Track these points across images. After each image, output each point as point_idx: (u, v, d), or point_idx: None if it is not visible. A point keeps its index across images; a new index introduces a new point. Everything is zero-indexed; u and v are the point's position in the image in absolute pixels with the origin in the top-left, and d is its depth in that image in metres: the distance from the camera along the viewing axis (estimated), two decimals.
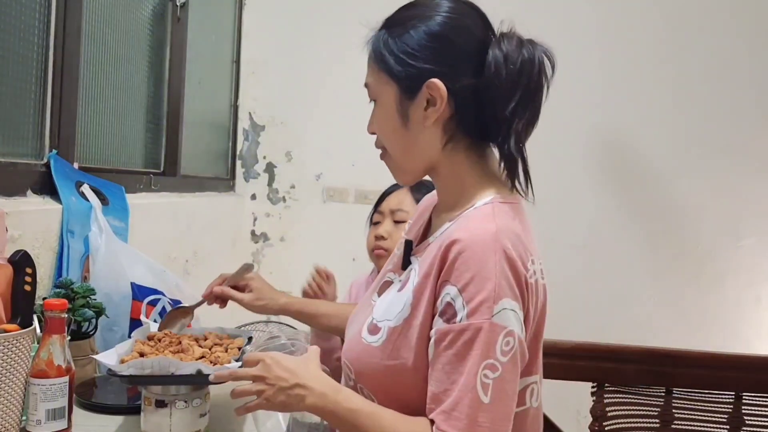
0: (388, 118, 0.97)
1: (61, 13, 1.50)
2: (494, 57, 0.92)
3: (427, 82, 0.92)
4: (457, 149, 0.97)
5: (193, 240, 2.27)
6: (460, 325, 0.85)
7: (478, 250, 0.85)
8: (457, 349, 0.85)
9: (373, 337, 0.96)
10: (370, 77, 0.99)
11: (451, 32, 0.94)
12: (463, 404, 0.84)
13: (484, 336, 0.84)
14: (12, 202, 1.32)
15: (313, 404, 0.90)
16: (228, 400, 1.24)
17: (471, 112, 0.94)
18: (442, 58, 0.93)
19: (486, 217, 0.90)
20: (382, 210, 1.61)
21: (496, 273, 0.84)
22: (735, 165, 2.82)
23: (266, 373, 0.92)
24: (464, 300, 0.85)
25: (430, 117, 0.94)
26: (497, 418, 0.85)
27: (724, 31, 2.81)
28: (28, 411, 0.96)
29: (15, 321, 0.99)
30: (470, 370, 0.84)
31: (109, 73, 1.85)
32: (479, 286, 0.84)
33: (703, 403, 1.79)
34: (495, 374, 0.84)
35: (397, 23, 0.96)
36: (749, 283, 2.85)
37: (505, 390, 0.85)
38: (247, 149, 2.98)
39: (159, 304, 1.49)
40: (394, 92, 0.95)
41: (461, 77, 0.93)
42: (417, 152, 0.97)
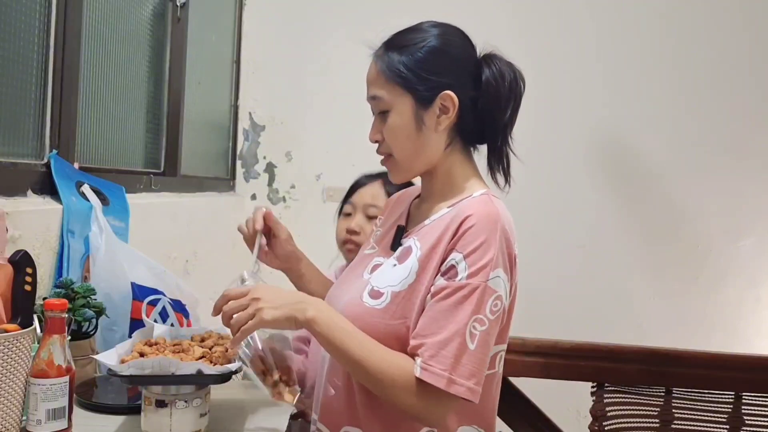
0: (403, 125, 1.10)
1: (61, 13, 1.50)
2: (491, 74, 1.10)
3: (442, 93, 1.08)
4: (454, 151, 1.13)
5: (193, 240, 2.27)
6: (459, 282, 1.00)
7: (485, 225, 1.02)
8: (453, 301, 1.00)
9: (375, 301, 1.07)
10: (380, 91, 1.11)
11: (455, 51, 1.11)
12: (452, 345, 0.98)
13: (479, 294, 1.00)
14: (12, 202, 1.32)
15: (312, 317, 1.02)
16: (228, 400, 1.24)
17: (470, 119, 1.11)
18: (451, 72, 1.09)
19: (488, 203, 1.06)
20: (355, 202, 1.58)
21: (496, 246, 1.01)
22: (735, 165, 2.82)
23: (260, 294, 1.02)
24: (467, 264, 1.00)
25: (443, 123, 1.09)
26: (477, 364, 0.99)
27: (725, 31, 2.81)
28: (28, 411, 0.96)
29: (15, 321, 0.99)
30: (462, 319, 0.99)
31: (109, 73, 1.86)
32: (481, 254, 1.00)
33: (703, 403, 1.79)
34: (482, 327, 1.00)
35: (404, 44, 1.11)
36: (749, 283, 2.85)
37: (487, 343, 1.01)
38: (247, 149, 2.98)
39: (159, 304, 1.49)
40: (410, 102, 1.09)
41: (466, 89, 1.09)
42: (425, 154, 1.12)
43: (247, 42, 2.97)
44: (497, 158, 1.13)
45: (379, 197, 1.55)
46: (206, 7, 2.58)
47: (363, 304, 1.07)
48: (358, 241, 1.52)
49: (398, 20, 2.89)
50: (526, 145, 1.19)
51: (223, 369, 1.03)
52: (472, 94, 1.09)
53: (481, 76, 1.10)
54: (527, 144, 1.20)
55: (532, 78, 1.16)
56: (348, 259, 1.56)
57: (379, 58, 1.12)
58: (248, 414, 1.21)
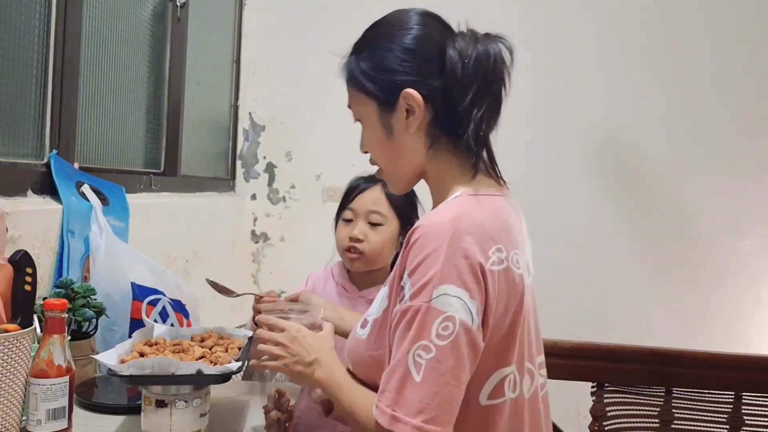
0: (373, 133, 1.03)
1: (61, 13, 1.50)
2: (450, 56, 0.97)
3: (402, 92, 0.97)
4: (439, 150, 1.01)
5: (193, 240, 2.27)
6: (403, 306, 0.89)
7: (429, 237, 0.89)
8: (400, 329, 0.89)
9: (362, 331, 1.02)
10: (350, 100, 1.05)
11: (413, 42, 0.99)
12: (394, 379, 0.87)
13: (420, 318, 0.86)
14: (12, 202, 1.32)
15: (318, 378, 1.01)
16: (228, 400, 1.24)
17: (445, 112, 0.98)
18: (409, 67, 0.98)
19: (448, 208, 0.93)
20: (356, 209, 1.51)
21: (442, 259, 0.86)
22: (735, 165, 2.82)
23: (290, 344, 1.03)
24: (411, 283, 0.88)
25: (412, 125, 0.99)
26: (427, 397, 0.85)
27: (725, 31, 2.81)
28: (28, 411, 0.96)
29: (15, 321, 0.99)
30: (404, 348, 0.87)
31: (109, 73, 1.86)
32: (423, 270, 0.87)
33: (703, 403, 1.79)
34: (428, 355, 0.86)
35: (364, 45, 1.03)
36: (749, 283, 2.85)
37: (440, 372, 0.86)
38: (247, 149, 2.98)
39: (159, 304, 1.49)
40: (374, 108, 1.01)
41: (430, 81, 0.97)
42: (405, 160, 1.02)
43: (247, 42, 2.97)
44: (468, 150, 0.98)
45: (381, 203, 1.50)
46: (206, 7, 2.58)
47: (355, 335, 1.04)
48: (361, 249, 1.48)
49: None
50: (526, 145, 1.18)
51: (223, 369, 1.03)
52: (438, 83, 0.97)
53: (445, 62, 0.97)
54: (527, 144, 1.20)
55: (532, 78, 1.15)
56: (352, 267, 1.52)
57: (344, 66, 1.05)
58: (248, 414, 1.21)
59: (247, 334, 1.24)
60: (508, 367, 0.94)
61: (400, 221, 1.50)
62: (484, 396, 0.93)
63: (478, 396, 0.93)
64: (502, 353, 0.93)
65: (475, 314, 0.87)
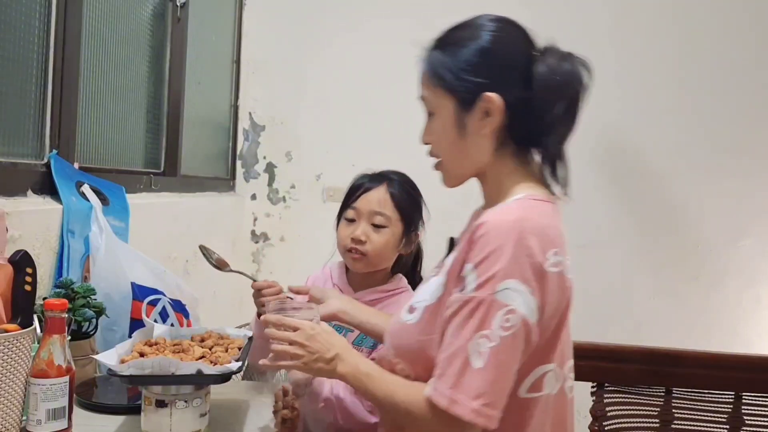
0: (445, 129, 1.05)
1: (61, 13, 1.50)
2: (541, 70, 1.01)
3: (483, 95, 1.00)
4: (504, 155, 1.05)
5: (193, 240, 2.26)
6: (465, 296, 0.93)
7: (496, 234, 0.93)
8: (459, 318, 0.93)
9: (409, 316, 1.05)
10: (426, 92, 1.07)
11: (500, 48, 1.03)
12: (454, 365, 0.92)
13: (484, 309, 0.91)
14: (12, 202, 1.32)
15: (342, 372, 1.04)
16: (228, 400, 1.24)
17: (520, 121, 1.02)
18: (494, 72, 1.01)
19: (512, 208, 0.98)
20: (359, 208, 1.48)
21: (507, 256, 0.91)
22: (735, 165, 2.82)
23: (308, 342, 1.04)
24: (476, 275, 0.93)
25: (486, 127, 1.02)
26: (486, 383, 0.90)
27: (726, 31, 2.81)
28: (28, 411, 0.96)
29: (15, 321, 0.99)
30: (466, 336, 0.92)
31: (109, 73, 1.86)
32: (489, 264, 0.92)
33: (703, 403, 1.78)
34: (490, 344, 0.91)
35: (450, 42, 1.05)
36: (749, 283, 2.85)
37: (499, 361, 0.91)
38: (247, 149, 2.98)
39: (159, 304, 1.49)
40: (452, 106, 1.03)
41: (512, 89, 1.01)
42: (470, 159, 1.06)
43: (247, 42, 2.96)
44: (548, 162, 1.04)
45: (385, 203, 1.47)
46: (206, 7, 2.58)
47: (400, 320, 1.07)
48: (363, 250, 1.45)
49: (398, 20, 2.90)
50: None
51: (223, 369, 1.03)
52: (522, 94, 1.00)
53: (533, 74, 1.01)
54: None
55: None
56: (353, 268, 1.50)
57: (424, 58, 1.07)
58: (248, 414, 1.21)
59: (247, 334, 1.24)
60: (549, 364, 1.00)
61: (404, 223, 1.48)
62: (524, 389, 0.98)
63: (519, 388, 0.97)
64: (546, 351, 0.98)
65: (535, 310, 0.93)
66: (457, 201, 1.49)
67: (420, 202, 1.53)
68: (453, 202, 1.55)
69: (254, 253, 2.96)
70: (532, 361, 0.97)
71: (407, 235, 1.50)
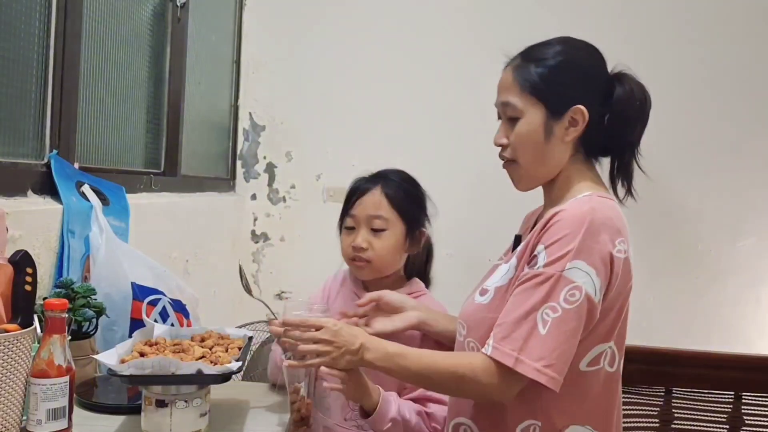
0: (532, 133, 1.16)
1: (61, 13, 1.50)
2: (623, 92, 1.16)
3: (574, 107, 1.14)
4: (576, 161, 1.19)
5: (193, 240, 2.27)
6: (535, 270, 1.06)
7: (570, 221, 1.06)
8: (527, 287, 1.06)
9: (482, 298, 1.17)
10: (513, 98, 1.17)
11: (588, 66, 1.18)
12: (523, 328, 1.03)
13: (552, 282, 1.04)
14: (12, 202, 1.32)
15: (369, 358, 1.12)
16: (228, 400, 1.24)
17: (596, 133, 1.16)
18: (583, 87, 1.16)
19: (583, 201, 1.11)
20: (357, 215, 1.45)
21: (579, 239, 1.04)
22: (735, 165, 2.82)
23: (334, 337, 1.11)
24: (546, 254, 1.05)
25: (570, 135, 1.15)
26: (548, 349, 1.02)
27: (725, 32, 2.81)
28: (28, 411, 0.96)
29: (15, 321, 0.99)
30: (533, 304, 1.04)
31: (109, 73, 1.86)
32: (561, 246, 1.05)
33: (703, 402, 1.79)
34: (555, 314, 1.03)
35: (544, 57, 1.17)
36: (749, 283, 2.85)
37: (561, 330, 1.03)
38: (248, 149, 2.98)
39: (159, 304, 1.49)
40: (542, 113, 1.15)
41: (596, 105, 1.15)
42: (550, 163, 1.17)
43: (247, 42, 2.96)
44: (623, 172, 1.20)
45: (381, 205, 1.43)
46: (206, 7, 2.58)
47: (473, 302, 1.19)
48: (366, 257, 1.42)
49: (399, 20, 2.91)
50: None
51: (223, 369, 1.03)
52: (600, 109, 1.15)
53: (612, 93, 1.15)
54: None
55: None
56: (360, 276, 1.48)
57: (516, 68, 1.17)
58: (248, 414, 1.21)
59: (247, 334, 1.24)
60: (608, 342, 1.12)
61: (405, 223, 1.44)
62: (584, 363, 1.10)
63: (579, 362, 1.09)
64: (608, 330, 1.11)
65: (598, 290, 1.05)
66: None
67: (422, 198, 1.49)
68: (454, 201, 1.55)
69: (254, 253, 2.96)
70: (594, 338, 1.09)
71: (411, 234, 1.46)
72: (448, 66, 2.81)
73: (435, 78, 2.83)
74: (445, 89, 2.82)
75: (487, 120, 1.37)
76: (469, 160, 2.73)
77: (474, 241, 2.70)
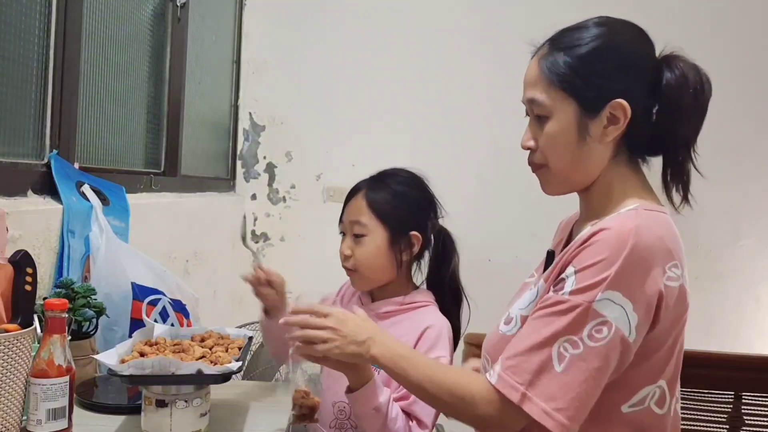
0: (563, 133, 0.98)
1: (61, 13, 1.50)
2: (672, 78, 0.96)
3: (613, 102, 0.95)
4: (618, 163, 1.00)
5: (193, 240, 2.27)
6: (559, 296, 0.90)
7: (609, 241, 0.89)
8: (546, 315, 0.90)
9: (507, 327, 1.03)
10: (540, 95, 0.99)
11: (629, 52, 0.98)
12: (533, 362, 0.89)
13: (577, 314, 0.88)
14: (12, 202, 1.32)
15: (375, 354, 1.04)
16: (228, 400, 1.24)
17: (643, 130, 0.97)
18: (624, 76, 0.96)
19: (628, 218, 0.93)
20: (344, 221, 1.43)
21: (617, 266, 0.87)
22: (735, 165, 2.82)
23: (340, 326, 1.05)
24: (576, 279, 0.89)
25: (610, 135, 0.97)
26: (561, 389, 0.87)
27: (724, 32, 2.81)
28: (28, 411, 0.96)
29: (15, 321, 0.99)
30: (551, 335, 0.88)
31: (109, 73, 1.86)
32: (595, 272, 0.88)
33: (703, 402, 1.79)
34: (575, 351, 0.87)
35: (573, 44, 0.98)
36: (749, 283, 2.85)
37: (581, 369, 0.87)
38: (247, 149, 2.99)
39: (159, 304, 1.49)
40: (574, 110, 0.97)
41: (640, 97, 0.96)
42: (586, 167, 1.00)
43: (247, 42, 2.97)
44: (676, 174, 1.01)
45: (361, 211, 1.39)
46: (206, 7, 2.58)
47: (498, 332, 1.05)
48: (350, 266, 1.39)
49: (399, 20, 2.90)
50: None
51: (223, 369, 1.03)
52: (647, 101, 0.97)
53: (660, 82, 0.96)
54: None
55: None
56: (352, 284, 1.45)
57: (542, 58, 1.00)
58: (248, 414, 1.21)
59: (247, 335, 1.24)
60: (659, 382, 0.95)
61: (389, 229, 1.38)
62: (627, 405, 0.94)
63: (622, 405, 0.94)
64: (657, 369, 0.94)
65: (633, 328, 0.88)
66: None
67: (418, 199, 1.43)
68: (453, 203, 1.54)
69: (254, 253, 2.96)
70: (640, 380, 0.94)
71: (396, 239, 1.39)
72: (448, 66, 2.81)
73: (435, 78, 2.83)
74: (445, 89, 2.82)
75: (489, 120, 1.36)
76: (471, 160, 2.73)
77: (474, 241, 2.70)
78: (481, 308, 1.45)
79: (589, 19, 1.02)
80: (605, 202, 1.00)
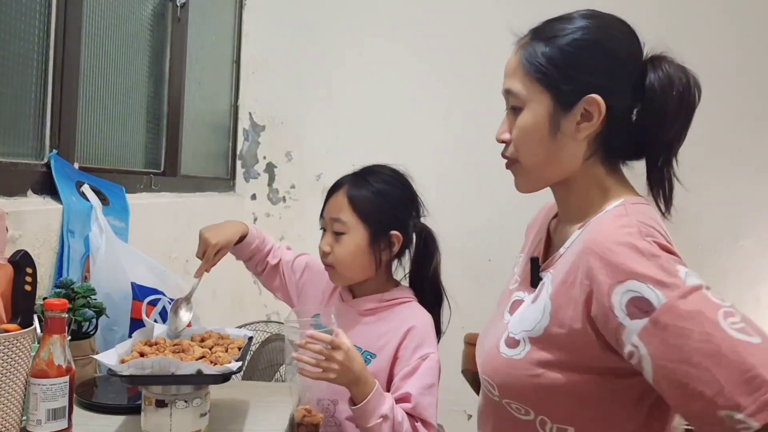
0: (535, 128, 0.95)
1: (61, 13, 1.50)
2: (656, 79, 0.92)
3: (587, 97, 0.91)
4: (595, 163, 0.97)
5: (193, 240, 2.25)
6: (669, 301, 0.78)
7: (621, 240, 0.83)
8: (671, 333, 0.77)
9: (513, 351, 0.94)
10: (516, 84, 0.96)
11: (613, 47, 0.94)
12: (732, 368, 0.74)
13: (697, 298, 0.79)
14: (12, 202, 1.32)
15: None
16: (228, 400, 1.24)
17: (622, 130, 0.94)
18: (604, 72, 0.92)
19: (619, 215, 0.89)
20: (325, 217, 1.42)
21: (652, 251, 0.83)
22: (735, 165, 2.82)
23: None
24: (651, 284, 0.79)
25: (583, 132, 0.93)
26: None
27: (724, 32, 2.81)
28: (28, 411, 0.96)
29: (15, 321, 0.99)
30: (717, 334, 0.76)
31: (109, 73, 1.86)
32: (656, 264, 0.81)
33: None
34: (738, 317, 0.78)
35: (555, 35, 0.95)
36: (749, 283, 2.85)
37: (753, 324, 0.78)
38: (247, 149, 2.98)
39: (159, 304, 1.49)
40: (547, 103, 0.94)
41: (620, 95, 0.92)
42: (558, 164, 0.96)
43: (247, 42, 2.97)
44: (657, 180, 0.97)
45: (342, 209, 1.37)
46: (206, 7, 2.58)
47: (501, 356, 0.95)
48: (329, 262, 1.38)
49: (399, 20, 2.90)
50: None
51: (223, 369, 1.03)
52: (629, 101, 0.93)
53: (644, 82, 0.92)
54: None
55: None
56: (331, 281, 1.43)
57: (521, 48, 0.97)
58: (248, 414, 1.21)
59: (247, 335, 1.24)
60: None
61: (369, 228, 1.37)
62: None
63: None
64: None
65: None
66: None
67: (400, 198, 1.41)
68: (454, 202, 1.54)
69: None
70: None
71: (376, 239, 1.37)
72: (449, 65, 2.81)
73: (435, 78, 2.83)
74: (445, 89, 2.82)
75: (489, 120, 1.36)
76: (470, 160, 2.73)
77: (474, 241, 2.70)
78: (481, 308, 1.44)
79: (576, 11, 0.97)
80: (586, 203, 0.97)
